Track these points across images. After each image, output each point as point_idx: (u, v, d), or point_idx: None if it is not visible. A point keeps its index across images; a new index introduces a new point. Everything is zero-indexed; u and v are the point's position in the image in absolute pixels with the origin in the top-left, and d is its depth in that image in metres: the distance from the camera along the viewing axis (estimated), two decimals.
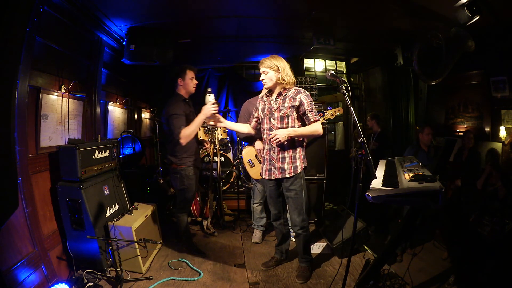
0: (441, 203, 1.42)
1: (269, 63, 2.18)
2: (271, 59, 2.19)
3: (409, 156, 2.64)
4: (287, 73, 2.18)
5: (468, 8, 2.52)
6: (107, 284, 2.28)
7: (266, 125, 2.30)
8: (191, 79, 2.60)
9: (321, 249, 2.92)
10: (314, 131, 2.18)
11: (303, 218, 2.31)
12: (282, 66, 2.17)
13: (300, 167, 2.26)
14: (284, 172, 2.24)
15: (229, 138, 5.00)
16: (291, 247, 2.77)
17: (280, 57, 2.23)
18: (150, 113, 4.95)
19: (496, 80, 3.34)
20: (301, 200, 2.28)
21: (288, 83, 2.20)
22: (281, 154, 2.25)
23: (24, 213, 1.96)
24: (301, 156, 2.29)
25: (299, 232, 2.35)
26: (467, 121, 3.85)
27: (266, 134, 2.29)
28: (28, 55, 1.96)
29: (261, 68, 2.21)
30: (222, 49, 4.48)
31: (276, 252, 2.65)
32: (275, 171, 2.27)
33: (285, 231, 2.57)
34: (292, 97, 2.20)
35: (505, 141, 3.23)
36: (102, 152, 2.55)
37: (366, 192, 1.50)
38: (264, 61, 2.20)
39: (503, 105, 3.30)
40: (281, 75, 2.17)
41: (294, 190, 2.26)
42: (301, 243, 2.40)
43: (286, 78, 2.18)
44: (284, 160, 2.24)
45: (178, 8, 2.95)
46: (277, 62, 2.17)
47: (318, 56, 5.32)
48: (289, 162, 2.24)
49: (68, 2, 2.40)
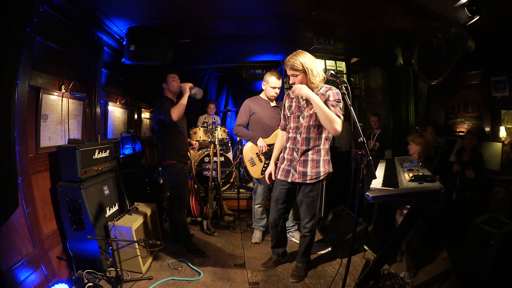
0: (441, 203, 1.42)
1: (294, 62, 1.95)
2: (295, 56, 1.96)
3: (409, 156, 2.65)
4: (316, 74, 1.98)
5: (468, 8, 2.51)
6: (107, 284, 2.28)
7: (293, 124, 2.15)
8: (172, 79, 2.75)
9: (321, 249, 2.92)
10: (333, 119, 1.89)
11: (313, 223, 2.28)
12: (309, 67, 1.95)
13: (324, 173, 2.12)
14: (306, 178, 2.10)
15: (229, 138, 5.00)
16: (294, 249, 2.77)
17: (304, 52, 2.00)
18: (150, 113, 4.95)
19: (496, 80, 3.34)
20: (316, 206, 2.22)
21: (317, 84, 2.01)
22: (304, 156, 2.10)
23: (24, 213, 1.96)
24: (325, 161, 2.13)
25: (306, 234, 2.32)
26: (467, 121, 3.85)
27: (292, 133, 2.16)
28: (28, 55, 1.96)
29: (288, 70, 2.01)
30: (222, 49, 4.48)
31: (273, 252, 2.62)
32: (295, 174, 2.12)
33: (281, 237, 2.50)
34: (323, 95, 2.01)
35: (505, 141, 3.22)
36: (102, 152, 2.55)
37: (366, 192, 1.50)
38: (289, 60, 1.97)
39: (503, 105, 3.30)
40: (309, 77, 1.96)
41: (311, 197, 2.17)
42: (305, 244, 2.38)
43: (315, 80, 1.98)
44: (306, 163, 2.10)
45: (178, 8, 2.95)
46: (303, 61, 1.95)
47: (318, 56, 5.29)
48: (312, 166, 2.09)
49: (68, 2, 2.40)
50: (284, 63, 2.07)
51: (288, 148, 2.20)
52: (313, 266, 2.58)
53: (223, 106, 5.68)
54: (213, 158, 3.65)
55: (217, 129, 3.83)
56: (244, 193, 4.04)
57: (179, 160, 2.75)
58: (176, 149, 2.73)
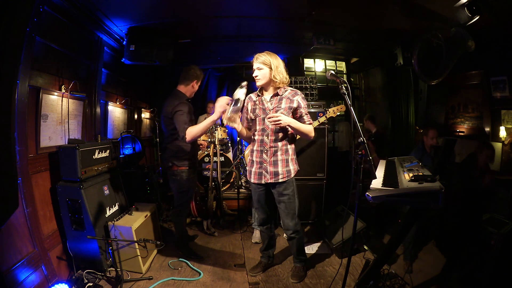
0: (441, 203, 1.42)
1: (264, 58, 2.07)
2: (265, 54, 2.09)
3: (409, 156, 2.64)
4: (280, 71, 2.08)
5: (468, 8, 2.51)
6: (107, 284, 2.28)
7: (259, 126, 2.17)
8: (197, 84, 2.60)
9: (321, 249, 2.92)
10: (309, 131, 2.11)
11: (296, 222, 2.25)
12: (275, 64, 2.07)
13: (294, 171, 2.19)
14: (278, 177, 2.14)
15: (229, 138, 5.00)
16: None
17: (275, 54, 2.13)
18: (150, 113, 4.95)
19: (496, 80, 3.34)
20: (294, 205, 2.22)
21: (281, 82, 2.10)
22: (273, 157, 2.14)
23: (24, 213, 1.97)
24: (293, 160, 2.21)
25: (292, 236, 2.29)
26: (467, 121, 3.85)
27: (258, 135, 2.17)
28: (28, 55, 1.96)
29: (255, 63, 2.10)
30: (222, 49, 4.48)
31: (263, 256, 2.55)
32: (267, 175, 2.15)
33: (272, 234, 2.48)
34: (289, 98, 2.12)
35: (505, 141, 3.23)
36: (102, 152, 2.55)
37: (366, 192, 1.50)
38: (259, 56, 2.09)
39: (503, 105, 3.30)
40: (274, 73, 2.07)
41: (287, 195, 2.18)
42: (295, 246, 2.36)
43: (278, 76, 2.07)
44: (276, 163, 2.14)
45: (178, 8, 2.95)
46: (271, 58, 2.07)
47: (318, 56, 5.32)
48: (282, 166, 2.14)
49: (68, 2, 2.40)
50: (255, 57, 2.10)
51: (256, 151, 2.19)
52: (313, 266, 2.58)
53: None
54: (213, 158, 3.65)
55: (217, 129, 3.83)
56: (244, 193, 4.03)
57: (192, 167, 2.58)
58: (192, 156, 2.57)
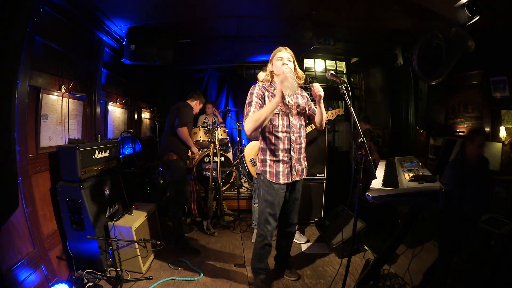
0: (441, 203, 1.42)
1: (290, 51, 2.05)
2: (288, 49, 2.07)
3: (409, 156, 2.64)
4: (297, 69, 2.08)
5: (468, 8, 2.51)
6: (107, 284, 2.28)
7: (282, 122, 2.04)
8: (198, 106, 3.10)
9: (321, 249, 2.92)
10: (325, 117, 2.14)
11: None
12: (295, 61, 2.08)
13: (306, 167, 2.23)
14: (303, 174, 2.16)
15: (229, 138, 5.00)
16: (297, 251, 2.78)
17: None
18: (150, 113, 4.95)
19: (496, 80, 3.33)
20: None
21: (302, 78, 2.08)
22: (299, 154, 2.12)
23: (24, 213, 1.97)
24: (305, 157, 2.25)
25: (294, 230, 2.35)
26: (467, 121, 3.85)
27: (283, 132, 2.04)
28: (28, 55, 1.96)
29: (285, 53, 2.03)
30: (222, 49, 4.48)
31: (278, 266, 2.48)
32: (295, 173, 2.10)
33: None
34: (301, 95, 2.18)
35: (505, 141, 3.22)
36: (102, 152, 2.55)
37: (366, 192, 1.50)
38: (287, 50, 2.05)
39: (503, 105, 3.30)
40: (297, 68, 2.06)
41: (299, 190, 2.21)
42: (291, 243, 2.40)
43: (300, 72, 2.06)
44: (301, 160, 2.15)
45: (178, 8, 2.96)
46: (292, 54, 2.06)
47: (318, 56, 5.32)
48: (304, 162, 2.19)
49: (68, 2, 2.40)
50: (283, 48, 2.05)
51: (282, 150, 2.04)
52: (313, 266, 2.58)
53: (223, 106, 5.67)
54: (213, 158, 3.65)
55: (217, 129, 3.83)
56: (244, 193, 4.04)
57: (182, 157, 2.85)
58: (184, 147, 2.87)
